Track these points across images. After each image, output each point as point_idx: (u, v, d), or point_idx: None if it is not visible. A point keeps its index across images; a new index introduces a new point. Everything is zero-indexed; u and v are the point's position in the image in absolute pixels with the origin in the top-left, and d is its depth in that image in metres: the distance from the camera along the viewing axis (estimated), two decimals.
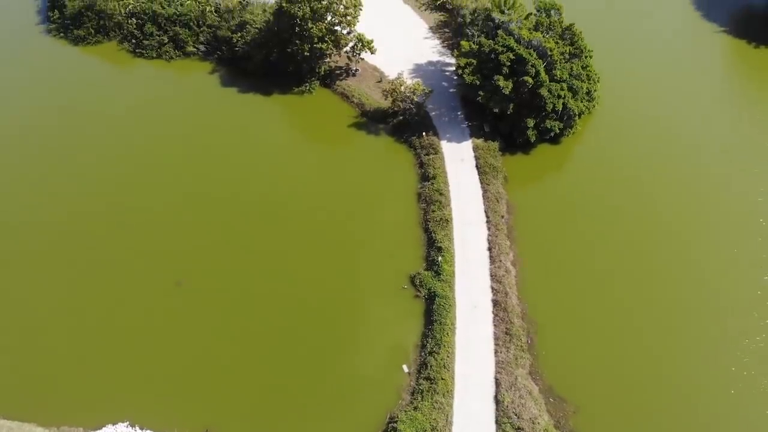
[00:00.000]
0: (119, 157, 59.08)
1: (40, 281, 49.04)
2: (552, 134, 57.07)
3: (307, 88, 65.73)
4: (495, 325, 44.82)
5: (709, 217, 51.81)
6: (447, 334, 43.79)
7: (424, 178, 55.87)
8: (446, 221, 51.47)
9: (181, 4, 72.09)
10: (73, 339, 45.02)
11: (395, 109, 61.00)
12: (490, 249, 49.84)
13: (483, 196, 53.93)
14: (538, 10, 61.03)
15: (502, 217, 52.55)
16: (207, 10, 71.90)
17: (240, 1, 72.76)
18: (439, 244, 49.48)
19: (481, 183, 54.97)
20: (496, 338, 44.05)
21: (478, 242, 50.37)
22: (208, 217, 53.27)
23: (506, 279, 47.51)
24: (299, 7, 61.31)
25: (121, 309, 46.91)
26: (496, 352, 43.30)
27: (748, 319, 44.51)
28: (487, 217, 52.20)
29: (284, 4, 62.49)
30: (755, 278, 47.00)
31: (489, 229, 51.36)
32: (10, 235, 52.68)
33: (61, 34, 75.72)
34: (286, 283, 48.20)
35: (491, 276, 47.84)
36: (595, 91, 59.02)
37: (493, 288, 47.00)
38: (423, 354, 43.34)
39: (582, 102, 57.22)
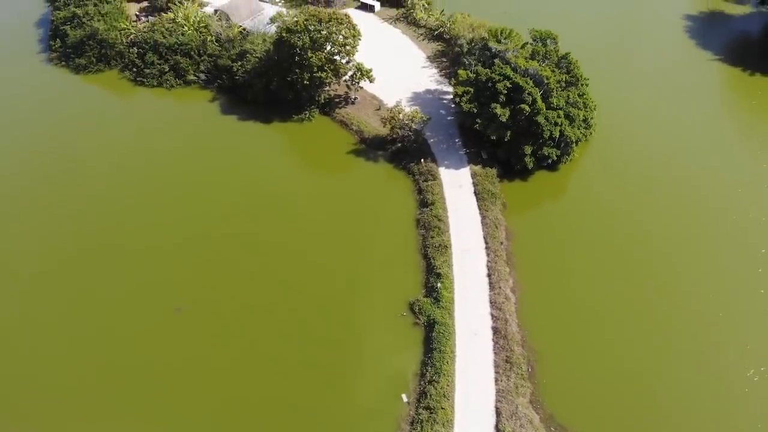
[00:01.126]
0: (119, 184, 60.13)
1: (37, 308, 49.39)
2: (549, 161, 58.33)
3: (307, 115, 67.41)
4: (495, 353, 45.10)
5: (707, 242, 52.62)
6: (447, 362, 44.01)
7: (423, 204, 56.86)
8: (445, 247, 52.19)
9: (183, 34, 74.38)
10: (73, 366, 45.21)
11: (394, 136, 62.47)
12: (489, 275, 50.45)
13: (482, 223, 54.82)
14: (534, 40, 63.13)
15: (501, 243, 53.32)
16: (208, 39, 74.24)
17: (240, 31, 75.25)
18: (438, 271, 50.09)
19: (480, 209, 55.93)
20: (497, 366, 44.26)
21: (477, 269, 51.01)
22: (208, 243, 53.98)
23: (506, 306, 48.00)
24: (299, 37, 63.43)
25: (120, 335, 47.20)
26: (496, 380, 43.46)
27: (750, 350, 44.88)
28: (486, 243, 52.96)
29: (284, 34, 64.63)
30: (756, 307, 47.56)
31: (488, 255, 52.05)
32: (10, 261, 53.23)
33: (63, 63, 77.87)
34: (285, 310, 48.59)
35: (491, 303, 48.32)
36: (591, 118, 60.52)
37: (492, 315, 47.43)
38: (422, 383, 43.46)
39: (579, 129, 58.67)
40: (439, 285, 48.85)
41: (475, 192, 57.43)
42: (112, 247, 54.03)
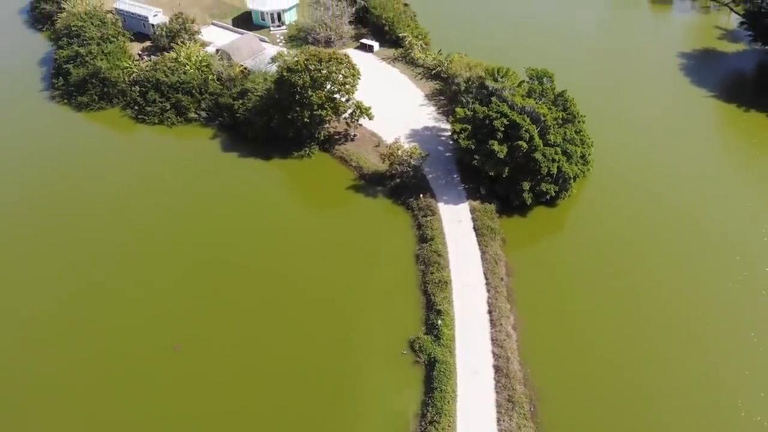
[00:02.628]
0: (119, 222, 61.17)
1: (34, 346, 49.63)
2: (548, 197, 59.65)
3: (307, 152, 69.22)
4: (497, 392, 45.14)
5: (708, 277, 53.42)
6: (448, 402, 44.02)
7: (422, 239, 57.81)
8: (445, 283, 52.82)
9: (184, 73, 76.90)
10: (70, 406, 45.14)
11: (393, 172, 64.02)
12: (490, 312, 50.91)
13: (481, 258, 55.62)
14: (530, 78, 65.56)
15: (502, 279, 54.00)
16: (209, 78, 76.79)
17: (242, 70, 78.00)
18: (438, 307, 50.57)
19: (480, 245, 56.86)
20: (499, 406, 44.22)
21: (477, 305, 51.52)
22: (207, 279, 54.63)
23: (507, 343, 48.28)
24: (300, 76, 65.82)
25: (117, 375, 47.23)
26: (498, 420, 43.38)
27: (756, 391, 45.07)
28: (487, 279, 53.61)
29: (285, 74, 67.09)
30: (759, 345, 48.01)
31: (488, 291, 52.65)
32: (7, 299, 53.71)
33: (65, 101, 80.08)
34: (283, 348, 48.81)
35: (492, 340, 48.64)
36: (589, 155, 62.18)
37: (494, 353, 47.67)
38: (423, 423, 43.30)
39: (576, 166, 60.24)
40: (439, 322, 49.28)
41: (474, 227, 58.52)
42: (110, 284, 54.62)
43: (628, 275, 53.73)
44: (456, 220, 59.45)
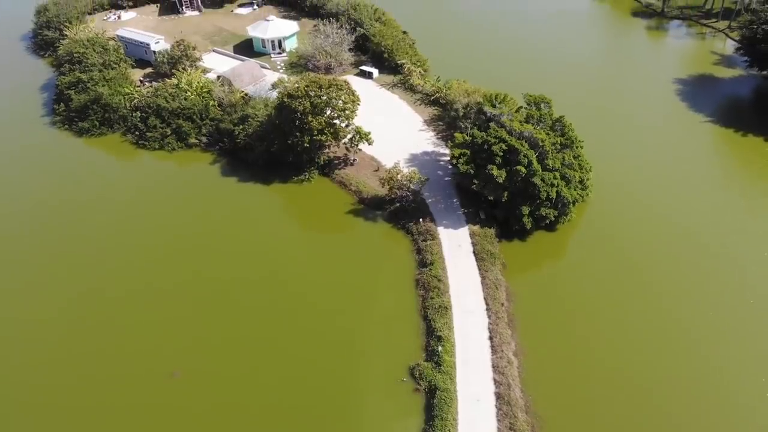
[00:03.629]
0: (118, 248, 61.65)
1: (30, 375, 49.56)
2: (547, 221, 60.36)
3: (307, 177, 70.20)
4: (498, 420, 44.97)
5: (708, 300, 53.76)
6: (449, 430, 43.79)
7: (422, 264, 58.22)
8: (445, 309, 53.02)
9: (185, 99, 78.40)
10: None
11: (392, 196, 64.84)
12: (491, 338, 51.00)
13: (482, 283, 55.92)
14: (528, 104, 66.93)
15: (502, 304, 54.22)
16: (210, 104, 78.31)
17: (242, 96, 79.58)
18: (438, 333, 50.69)
19: (480, 270, 57.24)
20: None
21: (478, 331, 51.64)
22: (204, 306, 54.80)
23: (509, 370, 48.30)
24: (300, 102, 67.19)
25: (114, 403, 47.07)
26: None
27: (759, 413, 45.05)
28: (487, 304, 53.83)
29: (286, 99, 68.48)
30: (762, 368, 48.16)
31: (489, 317, 52.83)
32: (8, 324, 53.93)
33: (66, 126, 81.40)
34: (282, 374, 48.76)
35: (493, 367, 48.64)
36: (587, 179, 63.08)
37: (495, 380, 47.61)
38: None
39: (575, 190, 61.11)
40: (440, 348, 49.34)
41: (474, 252, 59.00)
42: (109, 309, 54.83)
43: (630, 300, 54.04)
44: (456, 245, 60.00)
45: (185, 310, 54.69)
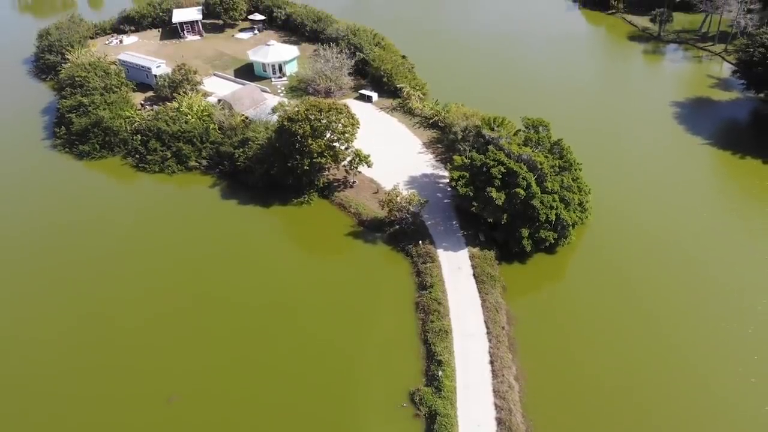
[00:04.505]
0: (117, 271, 61.97)
1: (28, 393, 49.57)
2: (547, 244, 60.89)
3: (306, 199, 70.96)
4: None
5: (708, 322, 53.98)
6: None
7: (422, 287, 58.50)
8: (445, 332, 53.13)
9: (186, 122, 79.63)
10: None
11: (391, 218, 65.47)
12: (491, 362, 50.98)
13: (482, 306, 56.10)
14: (526, 127, 68.09)
15: (503, 328, 54.36)
16: (210, 127, 79.47)
17: (243, 120, 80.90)
18: (439, 357, 50.70)
19: (480, 292, 57.49)
20: None
21: (479, 355, 51.67)
22: (202, 330, 54.91)
23: (509, 395, 48.21)
24: (300, 125, 68.32)
25: (109, 426, 46.89)
26: None
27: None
28: (488, 328, 53.97)
29: (286, 123, 69.66)
30: (763, 393, 48.13)
31: (490, 341, 52.91)
32: (7, 344, 54.10)
33: (66, 149, 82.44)
34: (279, 398, 48.61)
35: (494, 392, 48.54)
36: (587, 202, 63.80)
37: (496, 405, 47.47)
38: None
39: (575, 213, 61.77)
40: (440, 373, 49.31)
41: (474, 274, 59.33)
42: (107, 333, 54.92)
43: (630, 324, 54.18)
44: (455, 267, 60.38)
45: (183, 334, 54.76)
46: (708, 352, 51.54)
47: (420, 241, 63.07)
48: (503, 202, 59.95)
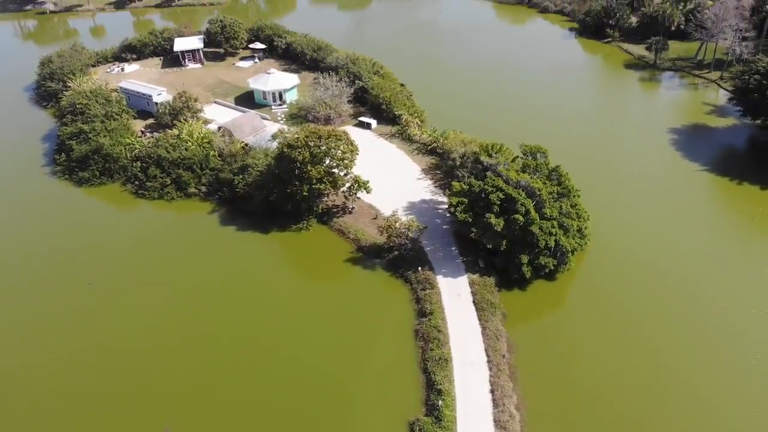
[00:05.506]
0: (116, 297, 62.11)
1: (24, 420, 49.25)
2: (547, 270, 61.18)
3: (305, 225, 71.57)
4: None
5: (706, 353, 53.92)
6: None
7: (421, 314, 58.56)
8: (446, 361, 53.03)
9: (186, 149, 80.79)
10: None
11: (390, 244, 65.96)
12: (492, 391, 50.77)
13: (482, 334, 56.11)
14: (524, 154, 69.22)
15: (503, 356, 54.27)
16: (210, 154, 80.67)
17: (243, 147, 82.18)
18: (438, 386, 50.48)
19: (480, 320, 57.55)
20: None
21: (479, 384, 51.48)
22: (200, 358, 54.77)
23: (510, 425, 47.88)
24: (300, 152, 69.44)
25: None
26: None
27: None
28: (488, 356, 53.87)
29: (285, 149, 70.79)
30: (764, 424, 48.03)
31: (490, 369, 52.76)
32: (3, 373, 53.87)
33: (66, 176, 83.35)
34: (276, 429, 48.14)
35: (495, 422, 48.21)
36: (585, 228, 64.30)
37: None
38: None
39: (574, 239, 62.26)
40: (440, 402, 49.04)
41: (473, 301, 59.48)
42: (105, 362, 54.79)
43: (632, 352, 54.11)
44: (455, 294, 60.60)
45: (179, 362, 54.60)
46: (708, 380, 51.34)
47: (419, 268, 63.41)
48: (502, 228, 60.53)
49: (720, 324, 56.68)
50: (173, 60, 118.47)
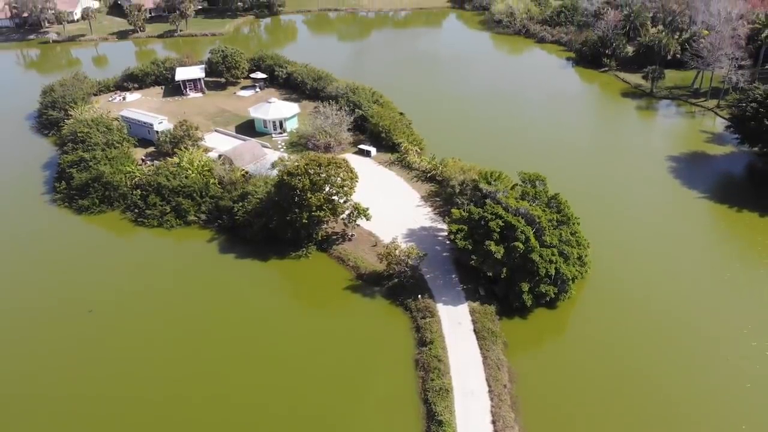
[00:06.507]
0: (114, 326, 62.05)
1: None
2: (548, 299, 61.30)
3: (304, 252, 71.93)
4: None
5: (707, 380, 53.84)
6: None
7: (422, 342, 58.43)
8: (446, 391, 52.74)
9: (186, 177, 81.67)
10: None
11: (390, 272, 66.19)
12: (494, 422, 50.38)
13: (483, 363, 55.93)
14: (523, 181, 70.10)
15: (505, 386, 53.93)
16: (210, 182, 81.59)
17: (243, 174, 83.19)
18: (439, 417, 50.10)
19: (481, 349, 57.41)
20: None
21: (480, 415, 51.09)
22: (198, 387, 54.46)
23: None
24: (299, 180, 70.32)
25: None
26: None
27: None
28: (489, 386, 53.60)
29: (285, 177, 71.68)
30: None
31: (492, 399, 52.45)
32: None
33: (66, 204, 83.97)
34: None
35: None
36: (585, 256, 64.58)
37: None
38: None
39: (574, 267, 62.54)
40: None
41: (474, 330, 59.44)
42: (102, 391, 54.52)
43: (633, 382, 53.85)
44: (456, 322, 60.57)
45: (177, 391, 54.27)
46: (709, 414, 50.94)
47: (419, 296, 63.53)
48: (502, 256, 60.91)
49: (721, 355, 56.39)
50: (175, 89, 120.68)
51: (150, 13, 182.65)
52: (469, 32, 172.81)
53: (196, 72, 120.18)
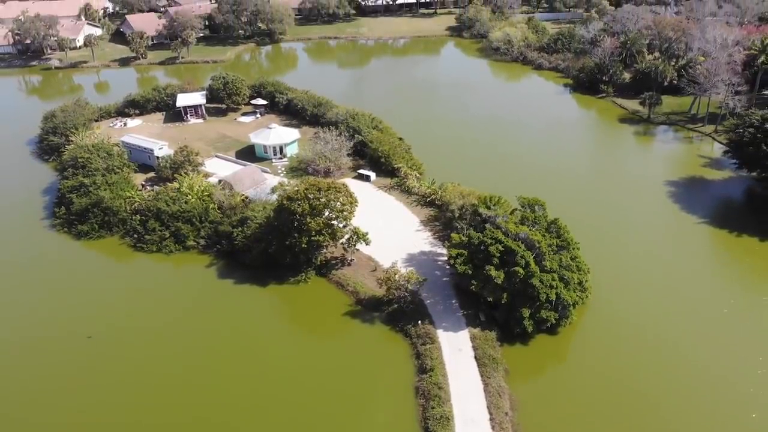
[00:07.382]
0: (113, 352, 61.79)
1: None
2: (549, 324, 61.28)
3: (303, 278, 71.95)
4: None
5: (710, 408, 53.51)
6: None
7: (422, 370, 58.12)
8: (447, 419, 52.26)
9: (186, 202, 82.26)
10: None
11: (390, 297, 66.15)
12: None
13: (484, 390, 55.55)
14: (522, 206, 70.68)
15: (506, 414, 53.46)
16: (210, 207, 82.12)
17: (243, 199, 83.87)
18: None
19: (482, 376, 57.08)
20: None
21: None
22: (196, 412, 54.07)
23: None
24: (299, 204, 70.83)
25: None
26: None
27: None
28: (491, 414, 53.17)
29: (285, 202, 72.26)
30: None
31: (493, 427, 51.96)
32: None
33: (65, 229, 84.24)
34: None
35: None
36: (586, 281, 64.80)
37: None
38: None
39: (575, 292, 62.59)
40: None
41: (475, 356, 59.18)
42: (103, 419, 54.07)
43: (636, 409, 53.41)
44: (456, 349, 60.34)
45: (176, 416, 53.83)
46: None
47: (419, 321, 63.41)
48: (502, 281, 61.07)
49: (725, 383, 56.13)
50: (176, 115, 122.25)
51: (152, 41, 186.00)
52: (468, 59, 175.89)
53: (197, 98, 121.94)
